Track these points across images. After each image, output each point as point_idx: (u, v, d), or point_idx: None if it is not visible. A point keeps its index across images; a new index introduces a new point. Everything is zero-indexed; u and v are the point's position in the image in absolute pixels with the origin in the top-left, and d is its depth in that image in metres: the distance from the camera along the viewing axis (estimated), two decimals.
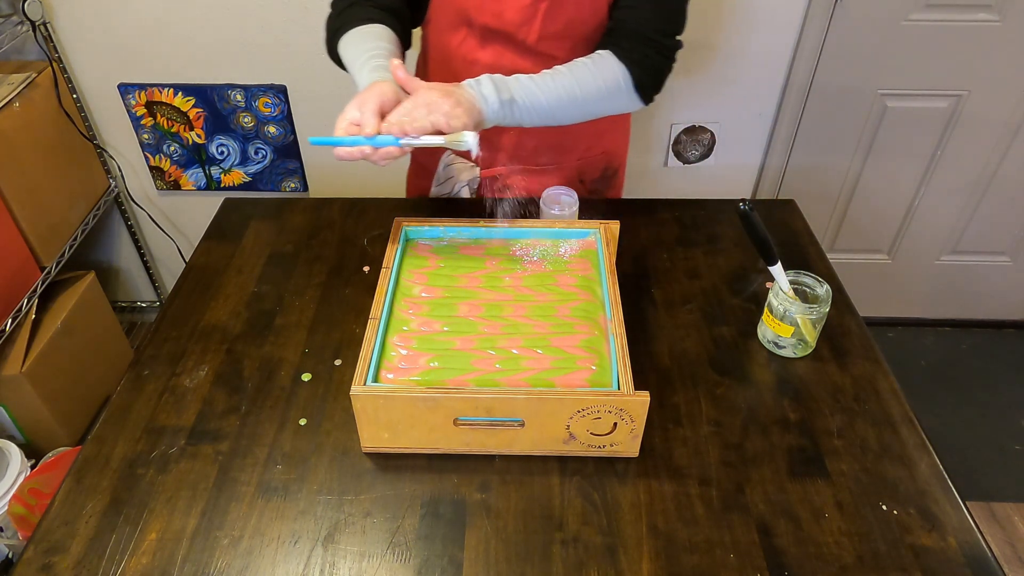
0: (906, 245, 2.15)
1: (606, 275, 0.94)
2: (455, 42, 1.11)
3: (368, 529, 0.78)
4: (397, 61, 0.92)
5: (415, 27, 1.16)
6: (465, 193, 1.24)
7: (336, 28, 1.04)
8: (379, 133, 0.85)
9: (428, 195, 1.32)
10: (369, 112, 0.86)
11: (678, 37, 1.07)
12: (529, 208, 1.13)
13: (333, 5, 1.08)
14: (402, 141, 0.86)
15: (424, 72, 1.23)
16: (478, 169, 1.24)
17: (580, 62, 1.01)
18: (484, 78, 0.94)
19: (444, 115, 0.86)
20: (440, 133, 0.87)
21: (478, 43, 1.09)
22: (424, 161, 1.31)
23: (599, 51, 1.03)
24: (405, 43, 1.08)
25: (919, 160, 1.97)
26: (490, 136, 1.19)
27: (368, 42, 0.99)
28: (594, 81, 1.00)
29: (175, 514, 0.79)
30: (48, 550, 0.76)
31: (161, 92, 1.85)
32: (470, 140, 0.87)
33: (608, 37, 1.06)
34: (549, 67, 1.09)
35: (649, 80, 1.05)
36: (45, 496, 1.53)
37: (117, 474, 0.83)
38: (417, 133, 0.86)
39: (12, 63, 1.75)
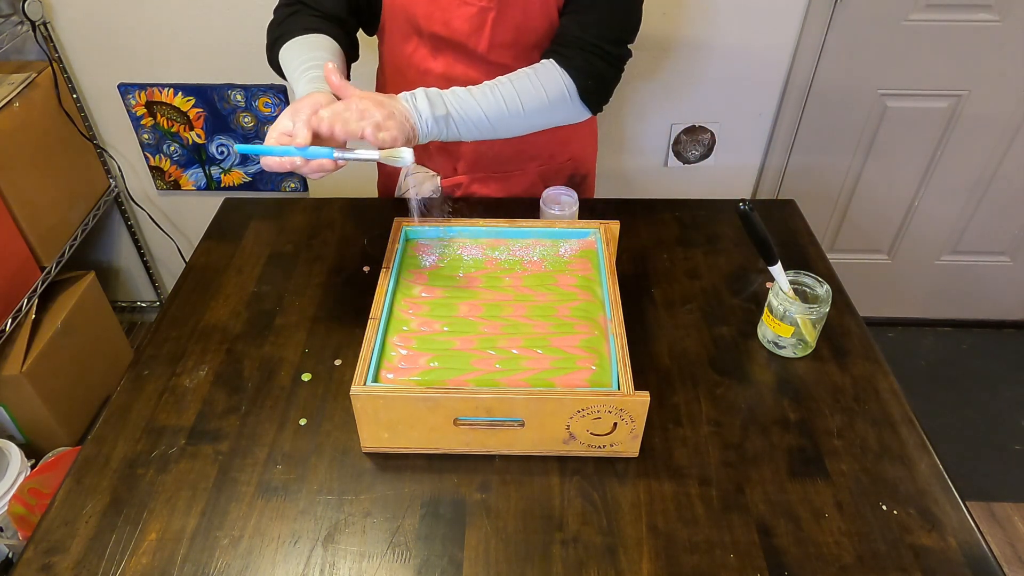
0: (906, 245, 2.15)
1: (606, 275, 0.94)
2: (408, 51, 1.10)
3: (368, 529, 0.78)
4: (331, 64, 0.88)
5: (371, 35, 1.15)
6: (415, 207, 1.12)
7: (277, 36, 1.02)
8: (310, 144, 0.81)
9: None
10: (301, 122, 0.82)
11: (628, 45, 1.04)
12: (445, 205, 1.14)
13: (275, 12, 1.06)
14: (336, 155, 0.82)
15: (382, 82, 1.22)
16: (439, 178, 1.23)
17: (521, 73, 0.98)
18: (420, 92, 0.91)
19: (374, 125, 0.83)
20: (370, 145, 0.84)
21: (430, 52, 1.08)
22: (389, 170, 1.30)
23: (542, 60, 1.01)
24: (350, 54, 1.06)
25: (919, 160, 1.97)
26: (449, 145, 1.19)
27: (307, 52, 0.96)
28: (536, 92, 0.97)
29: (175, 514, 0.79)
30: (48, 550, 0.76)
31: (161, 92, 1.85)
32: (407, 157, 0.84)
33: (552, 44, 1.03)
34: (498, 75, 1.08)
35: (594, 88, 1.01)
36: (45, 496, 1.53)
37: (117, 474, 0.83)
38: (344, 135, 0.82)
39: (12, 63, 1.75)
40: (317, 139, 0.82)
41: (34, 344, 1.67)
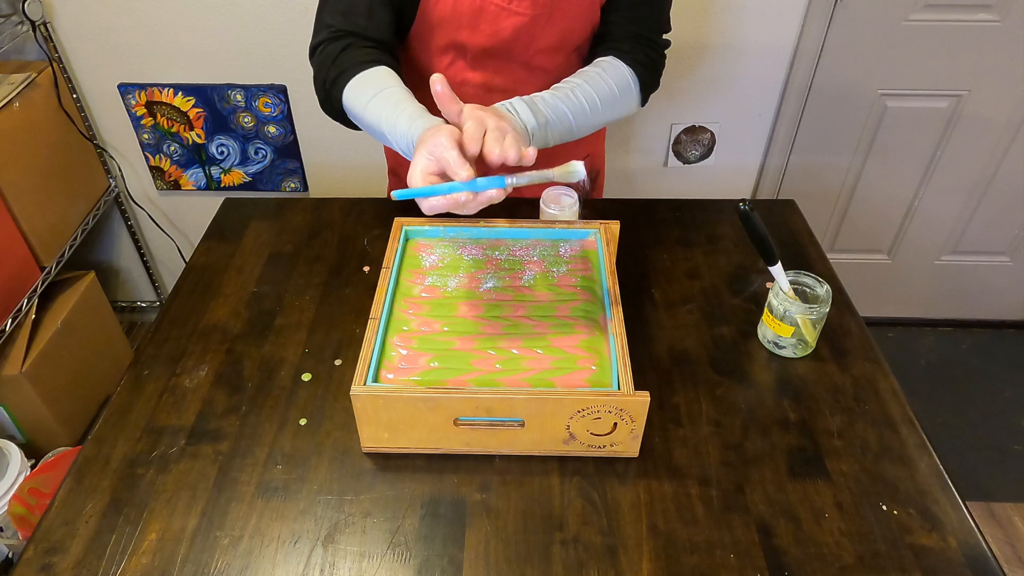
0: (906, 245, 2.15)
1: (606, 275, 0.94)
2: (443, 63, 1.08)
3: (368, 529, 0.78)
4: (438, 76, 0.80)
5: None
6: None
7: (336, 76, 0.95)
8: (472, 177, 0.73)
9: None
10: (455, 157, 0.73)
11: (666, 36, 1.08)
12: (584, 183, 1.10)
13: (320, 48, 0.97)
14: (508, 181, 0.73)
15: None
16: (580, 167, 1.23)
17: (592, 72, 0.99)
18: (516, 102, 0.88)
19: (514, 135, 0.77)
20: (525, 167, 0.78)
21: (468, 64, 1.07)
22: (403, 173, 1.29)
23: (605, 58, 1.02)
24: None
25: (919, 160, 1.97)
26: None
27: (385, 88, 0.90)
28: (608, 89, 0.99)
29: (175, 514, 0.79)
30: (48, 550, 0.76)
31: (161, 92, 1.85)
32: (580, 171, 0.77)
33: (606, 42, 1.05)
34: (541, 81, 1.07)
35: (651, 80, 1.06)
36: (45, 496, 1.53)
37: (117, 474, 0.83)
38: (501, 161, 0.75)
39: (12, 63, 1.75)
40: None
41: (34, 344, 1.67)
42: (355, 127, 0.99)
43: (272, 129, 1.90)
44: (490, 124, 0.77)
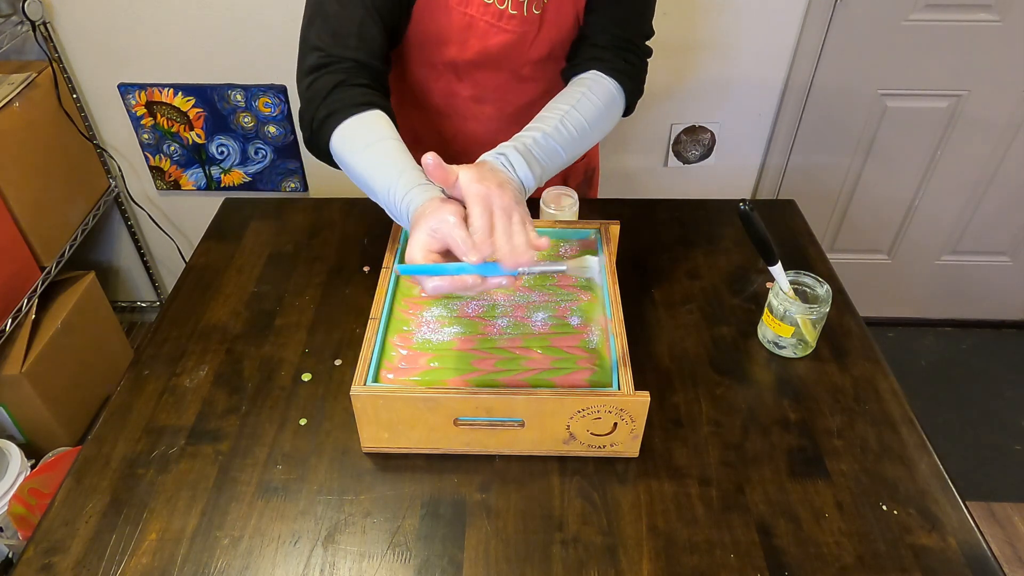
0: (906, 245, 2.15)
1: (606, 275, 0.94)
2: (432, 77, 1.07)
3: (368, 529, 0.78)
4: (430, 153, 0.72)
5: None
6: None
7: (324, 117, 0.87)
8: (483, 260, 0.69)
9: None
10: (464, 238, 0.69)
11: (647, 41, 1.04)
12: None
13: (310, 85, 0.89)
14: (521, 270, 0.70)
15: (399, 101, 1.17)
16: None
17: (578, 94, 0.94)
18: (512, 153, 0.82)
19: (520, 218, 0.72)
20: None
21: (456, 77, 1.06)
22: None
23: (587, 74, 0.98)
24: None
25: (919, 160, 1.97)
26: (460, 156, 1.17)
27: (379, 140, 0.84)
28: (597, 111, 0.94)
29: (175, 514, 0.79)
30: (48, 550, 0.76)
31: (161, 92, 1.85)
32: (594, 267, 0.78)
33: (586, 49, 0.99)
34: (531, 89, 1.06)
35: (636, 88, 1.01)
36: (45, 496, 1.53)
37: (117, 474, 0.83)
38: (528, 259, 0.70)
39: (12, 63, 1.75)
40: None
41: (34, 344, 1.67)
42: (338, 167, 0.92)
43: (272, 129, 1.91)
44: (497, 213, 0.71)
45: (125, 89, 1.84)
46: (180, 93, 1.85)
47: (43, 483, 1.56)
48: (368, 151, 0.84)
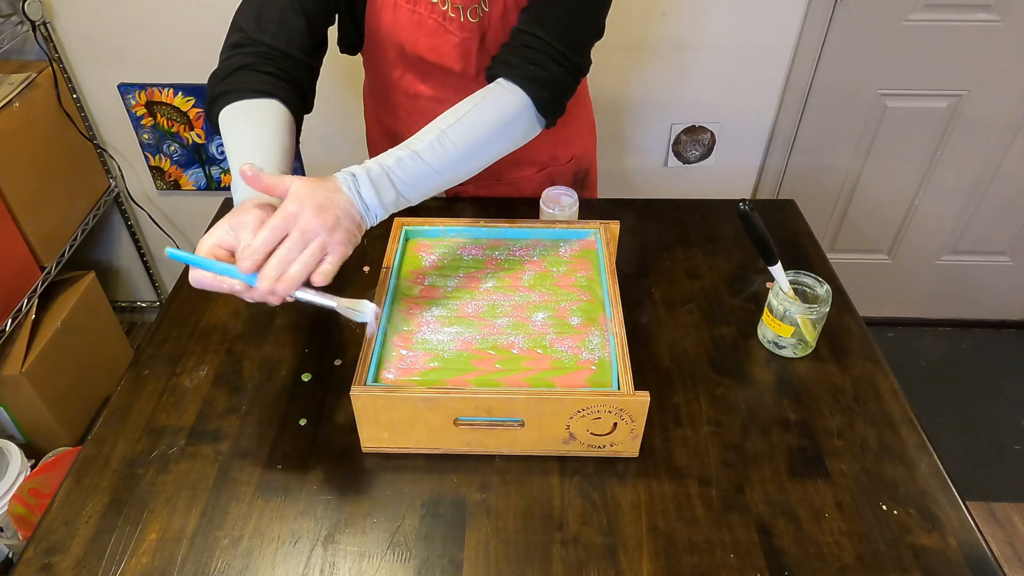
0: (906, 245, 2.15)
1: (606, 275, 0.94)
2: (395, 76, 1.08)
3: (368, 529, 0.78)
4: (247, 164, 0.72)
5: (353, 55, 1.11)
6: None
7: (218, 94, 0.88)
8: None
9: None
10: (247, 244, 0.70)
11: (587, 54, 0.95)
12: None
13: (221, 55, 0.92)
14: (289, 296, 0.72)
15: (372, 102, 1.21)
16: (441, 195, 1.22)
17: (473, 107, 0.87)
18: (362, 176, 0.78)
19: (319, 247, 0.72)
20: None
21: (417, 77, 1.06)
22: None
23: (498, 81, 0.91)
24: (302, 109, 0.94)
25: (919, 160, 1.97)
26: None
27: (251, 129, 0.84)
28: (492, 126, 0.87)
29: (175, 514, 0.79)
30: (48, 550, 0.76)
31: (161, 92, 1.85)
32: (368, 314, 0.75)
33: (504, 49, 0.93)
34: None
35: (551, 99, 0.91)
36: (45, 496, 1.53)
37: (117, 474, 0.83)
38: (287, 289, 0.70)
39: (12, 63, 1.75)
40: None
41: (34, 344, 1.67)
42: None
43: None
44: (293, 235, 0.71)
45: (125, 89, 1.84)
46: (180, 93, 1.85)
47: (43, 483, 1.56)
48: (236, 138, 0.85)
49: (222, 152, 1.95)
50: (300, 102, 0.93)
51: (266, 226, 0.70)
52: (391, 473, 0.83)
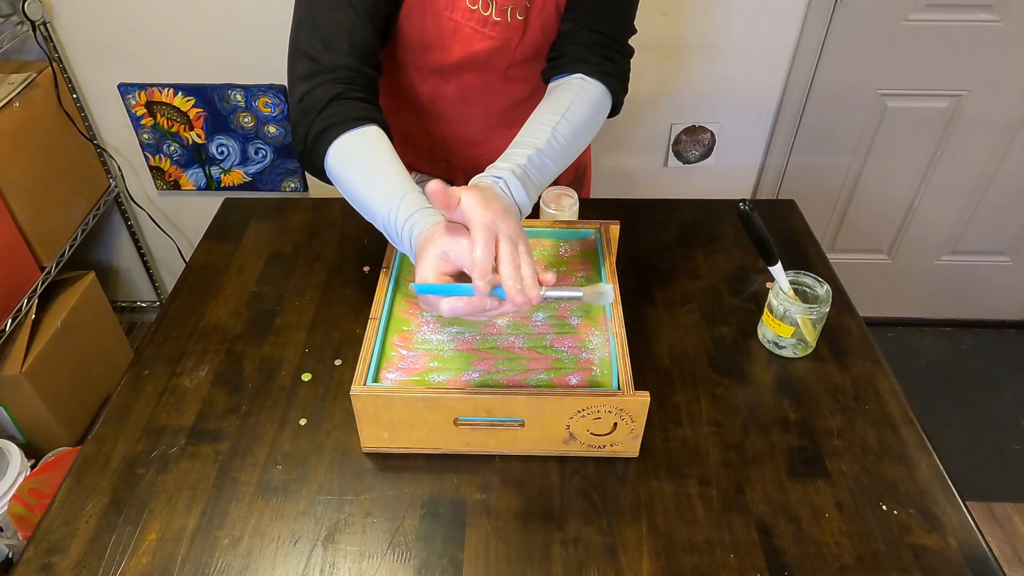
0: (906, 245, 2.15)
1: (606, 275, 0.94)
2: (417, 79, 1.06)
3: (368, 529, 0.78)
4: (437, 183, 0.69)
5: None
6: None
7: (320, 131, 0.83)
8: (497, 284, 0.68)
9: None
10: (480, 260, 0.67)
11: (636, 40, 1.01)
12: None
13: (304, 97, 0.85)
14: (541, 293, 0.70)
15: (386, 104, 1.16)
16: None
17: (566, 102, 0.90)
18: (511, 178, 0.79)
19: (526, 246, 0.71)
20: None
21: (443, 79, 1.05)
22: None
23: (572, 78, 0.94)
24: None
25: (919, 160, 1.97)
26: (443, 154, 1.17)
27: (378, 160, 0.82)
28: (585, 117, 0.92)
29: (175, 514, 0.79)
30: (48, 550, 0.76)
31: (161, 92, 1.85)
32: (609, 295, 0.76)
33: (570, 49, 0.96)
34: (516, 89, 1.05)
35: (621, 88, 0.98)
36: (45, 496, 1.53)
37: (117, 474, 0.83)
38: (535, 291, 0.69)
39: (12, 63, 1.75)
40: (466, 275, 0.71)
41: (34, 344, 1.67)
42: (331, 183, 0.88)
43: (272, 129, 1.91)
44: (503, 241, 0.69)
45: (125, 89, 1.84)
46: (180, 93, 1.85)
47: (43, 483, 1.56)
48: (366, 171, 0.82)
49: (222, 152, 1.95)
50: (386, 122, 0.89)
51: (477, 243, 0.68)
52: (391, 473, 0.83)
